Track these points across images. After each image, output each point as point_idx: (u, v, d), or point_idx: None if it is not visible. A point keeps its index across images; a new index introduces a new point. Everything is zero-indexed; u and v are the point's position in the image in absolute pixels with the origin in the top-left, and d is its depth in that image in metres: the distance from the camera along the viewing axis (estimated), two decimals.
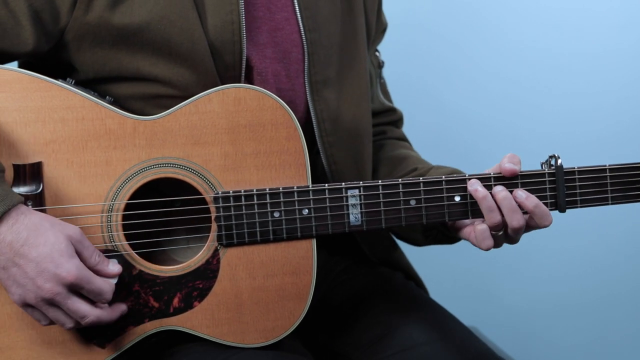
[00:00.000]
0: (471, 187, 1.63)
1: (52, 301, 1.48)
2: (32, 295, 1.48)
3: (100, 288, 1.51)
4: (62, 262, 1.47)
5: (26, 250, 1.47)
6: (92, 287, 1.50)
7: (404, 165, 1.90)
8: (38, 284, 1.47)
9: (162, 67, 1.64)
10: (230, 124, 1.60)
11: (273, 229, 1.62)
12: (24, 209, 1.49)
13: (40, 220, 1.49)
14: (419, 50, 2.98)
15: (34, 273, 1.47)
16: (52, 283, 1.47)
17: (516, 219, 1.62)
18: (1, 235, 1.47)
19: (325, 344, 1.85)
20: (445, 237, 1.80)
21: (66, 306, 1.49)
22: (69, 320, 1.52)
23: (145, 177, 1.59)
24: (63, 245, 1.48)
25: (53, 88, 1.57)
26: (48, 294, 1.47)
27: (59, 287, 1.47)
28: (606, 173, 1.67)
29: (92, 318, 1.51)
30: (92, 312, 1.51)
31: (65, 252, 1.48)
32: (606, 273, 3.12)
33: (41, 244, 1.47)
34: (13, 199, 1.48)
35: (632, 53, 2.99)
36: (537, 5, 2.97)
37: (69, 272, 1.47)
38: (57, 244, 1.48)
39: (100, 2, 1.60)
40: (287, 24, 1.77)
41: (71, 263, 1.48)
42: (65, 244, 1.48)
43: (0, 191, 1.48)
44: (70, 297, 1.49)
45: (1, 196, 1.47)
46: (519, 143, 2.94)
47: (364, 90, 1.87)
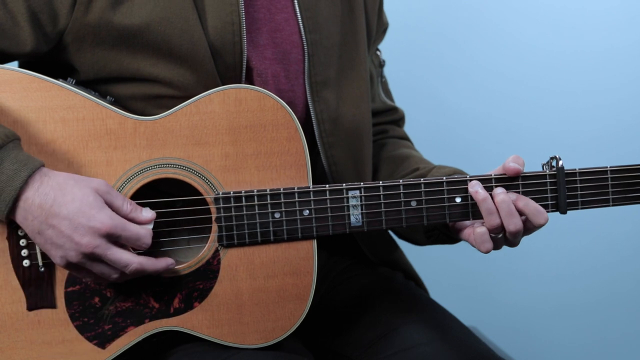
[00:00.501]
0: (472, 188, 1.63)
1: (93, 255, 1.49)
2: (74, 254, 1.49)
3: (137, 233, 1.51)
4: (94, 214, 1.48)
5: (56, 209, 1.48)
6: (128, 233, 1.50)
7: (405, 164, 1.90)
8: (75, 240, 1.48)
9: (163, 67, 1.64)
10: (231, 124, 1.60)
11: (274, 229, 1.62)
12: (46, 171, 1.51)
13: (65, 178, 1.50)
14: (419, 50, 2.98)
15: (69, 230, 1.47)
16: (89, 236, 1.48)
17: (513, 222, 1.61)
18: (29, 199, 1.48)
19: (325, 344, 1.85)
20: (447, 237, 1.80)
21: (107, 257, 1.50)
22: (113, 271, 1.52)
23: (145, 178, 1.59)
24: (91, 198, 1.49)
25: (53, 88, 1.57)
26: (88, 249, 1.48)
27: (97, 239, 1.48)
28: (607, 175, 1.67)
29: (135, 265, 1.51)
30: (134, 259, 1.51)
31: (95, 204, 1.49)
32: (606, 273, 3.12)
33: (69, 201, 1.48)
34: (35, 162, 1.49)
35: (632, 52, 2.99)
36: (538, 5, 2.97)
37: (102, 222, 1.48)
38: (85, 198, 1.49)
39: (100, 4, 1.60)
40: (287, 25, 1.76)
41: (103, 213, 1.49)
42: (93, 196, 1.49)
43: (21, 157, 1.49)
44: (110, 247, 1.50)
45: (23, 161, 1.48)
46: (519, 143, 2.94)
47: (364, 90, 1.86)
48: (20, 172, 1.47)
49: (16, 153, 1.49)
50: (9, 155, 1.48)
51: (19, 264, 1.57)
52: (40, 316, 1.58)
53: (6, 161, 1.47)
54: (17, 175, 1.47)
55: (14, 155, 1.48)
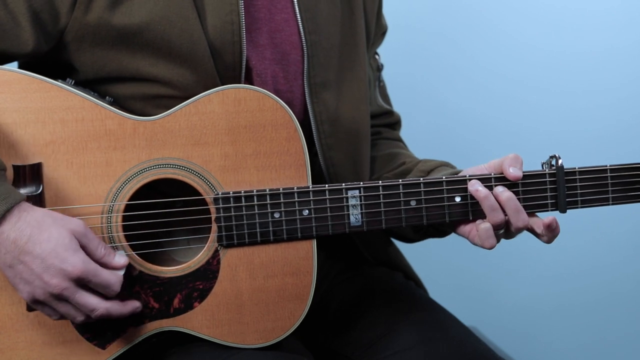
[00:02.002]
0: (472, 187, 1.63)
1: (60, 296, 1.48)
2: (41, 292, 1.48)
3: (107, 280, 1.50)
4: (67, 257, 1.47)
5: (30, 247, 1.47)
6: (98, 280, 1.49)
7: (393, 161, 1.91)
8: (45, 279, 1.47)
9: (162, 67, 1.64)
10: (230, 124, 1.60)
11: (273, 229, 1.62)
12: (26, 206, 1.49)
13: (43, 216, 1.49)
14: (419, 51, 2.98)
15: (40, 269, 1.47)
16: (58, 278, 1.47)
17: (521, 219, 1.62)
18: (4, 233, 1.47)
19: (325, 343, 1.85)
20: (436, 230, 1.80)
21: (75, 300, 1.49)
22: (79, 313, 1.52)
23: (145, 178, 1.59)
24: (67, 240, 1.48)
25: (53, 89, 1.57)
26: (56, 289, 1.47)
27: (66, 281, 1.47)
28: (607, 173, 1.67)
29: (101, 311, 1.51)
30: (101, 305, 1.51)
31: (70, 246, 1.48)
32: (606, 273, 3.12)
33: (45, 240, 1.47)
34: (16, 197, 1.48)
35: (632, 52, 2.99)
36: (538, 5, 2.97)
37: (74, 266, 1.47)
38: (61, 239, 1.48)
39: (99, 3, 1.60)
40: (286, 26, 1.76)
41: (76, 257, 1.48)
42: (69, 238, 1.48)
43: (2, 190, 1.47)
44: (78, 291, 1.49)
45: (3, 195, 1.47)
46: (519, 142, 2.94)
47: (363, 92, 1.86)
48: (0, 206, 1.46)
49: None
50: None
51: None
52: (41, 317, 1.58)
53: None
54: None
55: None
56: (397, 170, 1.86)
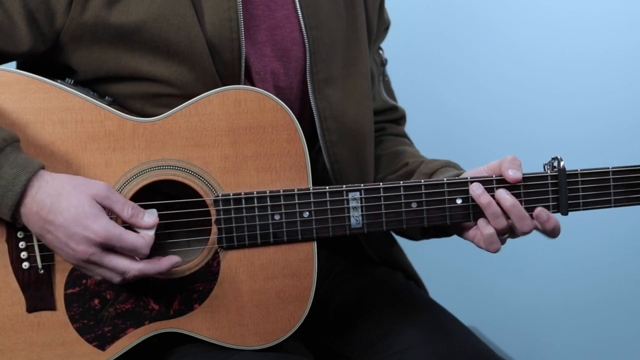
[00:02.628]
0: (474, 192, 1.62)
1: (90, 261, 1.50)
2: (72, 258, 1.51)
3: (132, 244, 1.50)
4: (89, 224, 1.48)
5: (52, 217, 1.48)
6: (123, 244, 1.49)
7: (397, 160, 1.90)
8: (72, 246, 1.48)
9: (161, 66, 1.64)
10: (230, 125, 1.60)
11: (273, 231, 1.61)
12: (44, 175, 1.50)
13: (63, 183, 1.50)
14: (418, 50, 2.98)
15: (65, 238, 1.48)
16: (83, 245, 1.48)
17: (527, 225, 1.62)
18: (27, 206, 1.49)
19: (325, 344, 1.85)
20: (442, 231, 1.80)
21: (104, 264, 1.50)
22: (114, 274, 1.52)
23: (145, 179, 1.58)
24: (87, 207, 1.49)
25: (52, 89, 1.56)
26: (83, 256, 1.49)
27: (91, 247, 1.48)
28: (609, 176, 1.66)
29: (133, 272, 1.51)
30: (132, 266, 1.51)
31: (90, 212, 1.49)
32: (607, 273, 3.11)
33: (65, 209, 1.48)
34: (34, 165, 1.49)
35: (633, 53, 2.98)
36: (538, 6, 2.97)
37: (96, 232, 1.47)
38: (81, 206, 1.48)
39: (96, 2, 1.60)
40: (287, 22, 1.76)
41: (97, 223, 1.48)
42: (89, 204, 1.49)
43: (20, 160, 1.48)
44: (106, 255, 1.50)
45: (21, 165, 1.48)
46: (519, 143, 2.94)
47: (366, 88, 1.86)
48: (20, 177, 1.47)
49: (15, 156, 1.48)
50: (8, 160, 1.48)
51: (19, 266, 1.57)
52: (40, 318, 1.58)
53: (5, 165, 1.47)
54: (16, 180, 1.47)
55: (13, 159, 1.48)
56: (400, 172, 1.86)
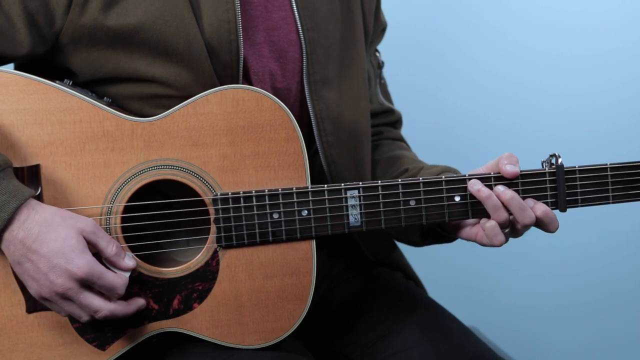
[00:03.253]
0: (473, 187, 1.62)
1: (64, 295, 1.49)
2: (47, 290, 1.49)
3: (112, 283, 1.51)
4: (73, 258, 1.48)
5: (37, 246, 1.48)
6: (103, 282, 1.50)
7: (396, 165, 1.90)
8: (50, 279, 1.48)
9: (159, 67, 1.64)
10: (228, 125, 1.60)
11: (272, 230, 1.61)
12: (35, 204, 1.50)
13: (52, 215, 1.50)
14: (418, 50, 2.98)
15: (46, 268, 1.47)
16: (63, 278, 1.48)
17: (528, 216, 1.61)
18: (13, 232, 1.48)
19: (325, 343, 1.85)
20: (442, 237, 1.80)
21: (79, 301, 1.50)
22: (84, 313, 1.52)
23: (143, 179, 1.59)
24: (74, 241, 1.49)
25: (50, 90, 1.57)
26: (60, 289, 1.48)
27: (71, 282, 1.48)
28: (607, 172, 1.66)
29: (105, 312, 1.51)
30: (105, 307, 1.52)
31: (76, 247, 1.49)
32: (606, 273, 3.12)
33: (52, 240, 1.48)
34: (24, 193, 1.49)
35: (631, 53, 2.99)
36: (537, 6, 2.97)
37: (79, 267, 1.47)
38: (68, 240, 1.48)
39: (94, 4, 1.60)
40: (284, 23, 1.76)
41: (82, 258, 1.48)
42: (76, 239, 1.49)
43: (11, 187, 1.48)
44: (83, 292, 1.50)
45: (12, 192, 1.47)
46: (518, 143, 2.94)
47: (363, 90, 1.86)
48: (9, 204, 1.47)
49: (6, 183, 1.48)
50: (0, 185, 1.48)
51: None
52: (40, 319, 1.58)
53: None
54: (5, 207, 1.47)
55: (4, 186, 1.48)
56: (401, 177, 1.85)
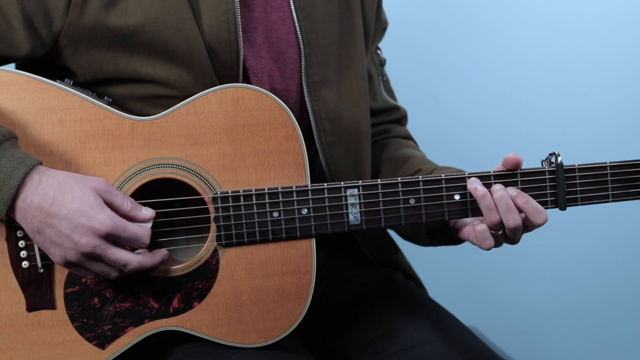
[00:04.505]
0: (471, 185, 1.62)
1: (92, 255, 1.49)
2: (72, 253, 1.49)
3: (136, 234, 1.51)
4: (94, 214, 1.48)
5: (56, 209, 1.47)
6: (128, 234, 1.50)
7: (407, 165, 1.90)
8: (75, 240, 1.47)
9: (159, 67, 1.64)
10: (228, 123, 1.60)
11: (272, 228, 1.61)
12: (44, 169, 1.50)
13: (64, 177, 1.50)
14: (418, 50, 2.98)
15: (69, 230, 1.47)
16: (88, 237, 1.47)
17: (512, 218, 1.60)
18: (28, 198, 1.48)
19: (325, 343, 1.85)
20: (449, 239, 1.80)
21: (107, 257, 1.50)
22: (113, 270, 1.52)
23: (143, 178, 1.59)
24: (91, 198, 1.49)
25: (51, 89, 1.57)
26: (87, 248, 1.48)
27: (96, 239, 1.48)
28: (607, 170, 1.66)
29: (134, 264, 1.52)
30: (134, 259, 1.52)
31: (95, 204, 1.49)
32: (606, 272, 3.11)
33: (69, 200, 1.47)
34: (32, 160, 1.49)
35: (631, 53, 2.99)
36: (537, 6, 2.97)
37: (102, 223, 1.47)
38: (85, 198, 1.48)
39: (94, 5, 1.60)
40: (282, 24, 1.76)
41: (103, 214, 1.48)
42: (93, 196, 1.49)
43: (18, 154, 1.48)
44: (109, 247, 1.50)
45: (20, 159, 1.48)
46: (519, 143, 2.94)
47: (362, 89, 1.86)
48: (18, 169, 1.47)
49: (13, 151, 1.49)
50: (6, 153, 1.48)
51: (18, 265, 1.57)
52: (40, 317, 1.58)
53: (3, 159, 1.47)
54: (14, 173, 1.47)
55: (11, 153, 1.48)
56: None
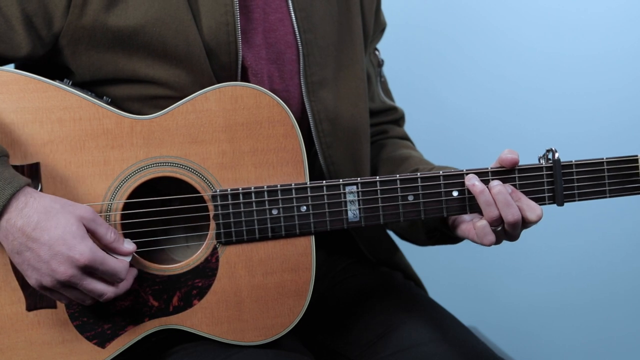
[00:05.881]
0: (468, 181, 1.63)
1: (67, 283, 1.49)
2: (48, 279, 1.48)
3: (114, 268, 1.51)
4: (75, 244, 1.47)
5: (38, 234, 1.47)
6: (105, 267, 1.50)
7: (405, 165, 1.90)
8: (52, 267, 1.47)
9: (159, 68, 1.65)
10: (227, 122, 1.60)
11: (271, 226, 1.62)
12: (31, 192, 1.49)
13: (50, 202, 1.49)
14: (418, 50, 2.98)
15: (48, 256, 1.47)
16: (66, 266, 1.47)
17: (511, 213, 1.61)
18: (12, 220, 1.47)
19: (324, 343, 1.85)
20: (447, 237, 1.80)
21: (82, 287, 1.50)
22: (87, 298, 1.53)
23: (143, 177, 1.59)
24: (75, 227, 1.48)
25: (50, 89, 1.57)
26: (63, 277, 1.47)
27: (73, 269, 1.48)
28: (603, 166, 1.67)
29: (110, 294, 1.52)
30: (109, 290, 1.52)
31: (77, 233, 1.48)
32: (606, 272, 3.12)
33: (52, 227, 1.47)
34: (20, 181, 1.48)
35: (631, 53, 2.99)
36: (537, 6, 2.98)
37: (82, 254, 1.47)
38: (69, 226, 1.48)
39: (94, 6, 1.60)
40: (281, 25, 1.77)
41: (84, 245, 1.48)
42: (76, 225, 1.48)
43: (7, 174, 1.48)
44: (85, 278, 1.49)
45: (7, 179, 1.47)
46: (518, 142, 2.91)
47: (361, 90, 1.87)
48: (5, 190, 1.46)
49: (2, 170, 1.48)
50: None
51: None
52: (40, 317, 1.58)
53: None
54: (1, 193, 1.46)
55: (0, 172, 1.48)
56: None
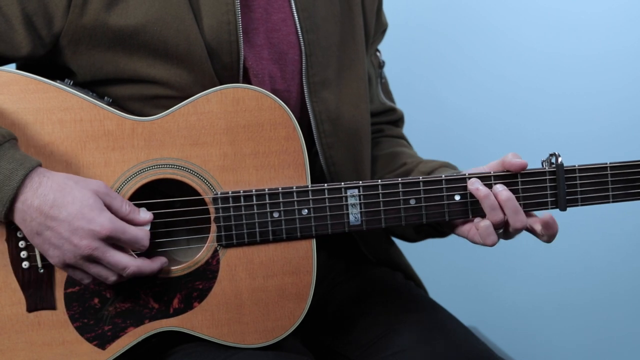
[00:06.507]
0: (472, 186, 1.62)
1: (91, 257, 1.49)
2: (71, 255, 1.49)
3: (135, 236, 1.51)
4: (94, 217, 1.48)
5: (56, 211, 1.47)
6: (127, 236, 1.50)
7: (395, 161, 1.91)
8: (74, 242, 1.47)
9: (160, 68, 1.64)
10: (228, 124, 1.60)
11: (272, 229, 1.61)
12: (44, 171, 1.50)
13: (64, 179, 1.50)
14: (418, 50, 2.98)
15: (68, 232, 1.47)
16: (88, 239, 1.47)
17: (519, 220, 1.61)
18: (28, 200, 1.48)
19: (325, 343, 1.85)
20: (436, 231, 1.80)
21: (106, 260, 1.50)
22: (111, 273, 1.52)
23: (144, 178, 1.59)
24: (91, 201, 1.49)
25: (51, 89, 1.57)
26: (86, 251, 1.48)
27: (96, 241, 1.48)
28: (607, 171, 1.66)
29: (133, 269, 1.51)
30: (132, 263, 1.52)
31: (95, 206, 1.48)
32: (606, 273, 3.12)
33: (69, 203, 1.47)
34: (32, 161, 1.48)
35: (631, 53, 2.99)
36: (537, 6, 2.97)
37: (102, 225, 1.47)
38: (85, 200, 1.48)
39: (94, 5, 1.60)
40: (283, 25, 1.76)
41: (103, 216, 1.48)
42: (93, 198, 1.49)
43: (18, 156, 1.48)
44: (109, 250, 1.49)
45: (19, 160, 1.47)
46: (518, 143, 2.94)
47: (363, 90, 1.86)
48: (17, 171, 1.46)
49: (13, 152, 1.48)
50: (6, 155, 1.48)
51: (19, 265, 1.57)
52: (40, 318, 1.58)
53: (2, 160, 1.47)
54: (13, 175, 1.46)
55: (11, 155, 1.48)
56: (398, 171, 1.86)
